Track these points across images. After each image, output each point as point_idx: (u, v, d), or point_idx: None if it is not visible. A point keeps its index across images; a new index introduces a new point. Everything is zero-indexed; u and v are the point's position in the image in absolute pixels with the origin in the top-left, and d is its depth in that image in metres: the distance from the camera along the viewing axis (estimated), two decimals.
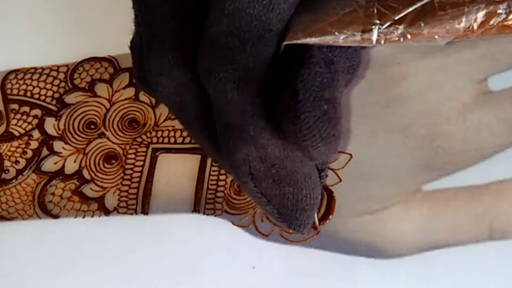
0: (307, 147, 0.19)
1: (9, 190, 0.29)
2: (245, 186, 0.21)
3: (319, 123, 0.18)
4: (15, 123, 0.31)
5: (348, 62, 0.21)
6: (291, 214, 0.23)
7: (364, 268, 0.26)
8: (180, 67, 0.20)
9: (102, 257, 0.27)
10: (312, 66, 0.18)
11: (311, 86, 0.18)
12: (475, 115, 0.27)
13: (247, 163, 0.20)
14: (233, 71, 0.18)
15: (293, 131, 0.18)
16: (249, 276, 0.26)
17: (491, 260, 0.25)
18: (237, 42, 0.18)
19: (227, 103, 0.19)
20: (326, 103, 0.18)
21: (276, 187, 0.22)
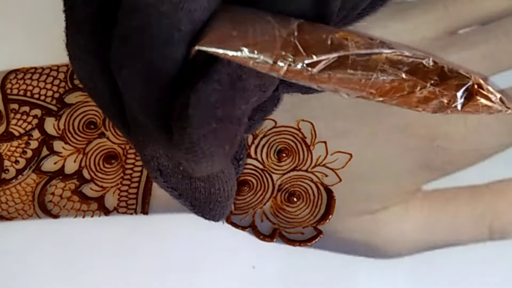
0: (188, 160, 0.18)
1: (9, 190, 0.29)
2: (155, 180, 0.22)
3: (202, 140, 0.18)
4: (15, 123, 0.31)
5: (259, 81, 0.20)
6: (204, 206, 0.23)
7: (364, 268, 0.26)
8: (91, 53, 0.20)
9: (102, 257, 0.27)
10: (210, 82, 0.18)
11: (204, 103, 0.17)
12: (475, 115, 0.27)
13: (155, 160, 0.20)
14: (140, 67, 0.18)
15: (176, 140, 0.18)
16: (249, 275, 0.26)
17: (491, 260, 0.25)
18: (147, 39, 0.17)
19: (133, 99, 0.19)
20: (217, 122, 0.18)
21: (186, 181, 0.22)
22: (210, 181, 0.22)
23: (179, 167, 0.21)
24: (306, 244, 0.26)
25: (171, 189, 0.22)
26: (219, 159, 0.19)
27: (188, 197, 0.22)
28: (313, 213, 0.27)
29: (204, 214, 0.24)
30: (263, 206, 0.27)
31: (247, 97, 0.20)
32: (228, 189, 0.23)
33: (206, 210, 0.23)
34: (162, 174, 0.21)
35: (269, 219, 0.27)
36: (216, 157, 0.19)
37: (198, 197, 0.22)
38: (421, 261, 0.25)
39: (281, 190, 0.27)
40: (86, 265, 0.27)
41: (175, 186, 0.22)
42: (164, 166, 0.21)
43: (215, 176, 0.22)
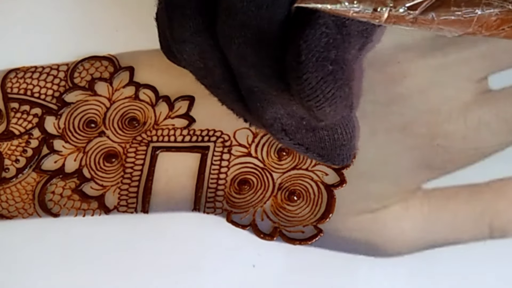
0: (311, 108, 0.19)
1: (9, 189, 0.29)
2: (281, 141, 0.22)
3: (322, 84, 0.18)
4: (15, 121, 0.31)
5: (362, 26, 0.20)
6: (332, 153, 0.23)
7: (364, 267, 0.26)
8: (201, 33, 0.21)
9: (102, 255, 0.27)
10: (318, 26, 0.18)
11: (315, 47, 0.18)
12: (475, 114, 0.27)
13: (278, 121, 0.21)
14: (250, 35, 0.19)
15: (296, 91, 0.18)
16: (249, 274, 0.26)
17: (491, 258, 0.25)
18: (252, 7, 0.18)
19: (248, 67, 0.19)
20: (332, 63, 0.18)
21: (310, 134, 0.22)
22: (332, 128, 0.22)
23: (302, 122, 0.21)
24: (306, 243, 0.26)
25: (297, 145, 0.23)
26: (341, 102, 0.19)
27: (315, 149, 0.23)
28: (313, 212, 0.27)
29: (333, 161, 0.24)
30: (264, 205, 0.27)
31: (353, 42, 0.20)
32: (349, 131, 0.23)
33: (334, 156, 0.24)
34: (287, 133, 0.22)
35: (270, 217, 0.27)
36: (338, 100, 0.19)
37: (324, 146, 0.23)
38: (421, 259, 0.25)
39: (282, 189, 0.27)
40: (86, 264, 0.27)
41: (301, 141, 0.22)
42: (287, 125, 0.21)
43: (336, 122, 0.22)
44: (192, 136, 0.29)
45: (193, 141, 0.29)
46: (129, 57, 0.32)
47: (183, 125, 0.29)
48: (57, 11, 0.34)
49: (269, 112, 0.21)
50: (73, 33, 0.33)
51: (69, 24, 0.34)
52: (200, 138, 0.29)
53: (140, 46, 0.32)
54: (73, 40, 0.33)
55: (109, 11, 0.34)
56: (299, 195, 0.27)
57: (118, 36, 0.33)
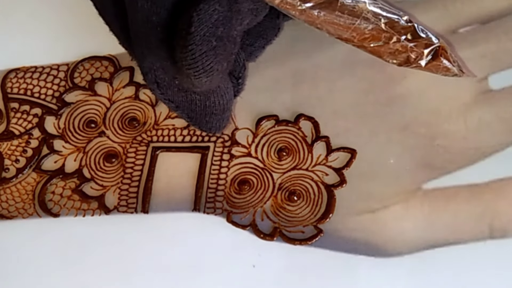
0: (189, 75, 0.20)
1: (9, 189, 0.29)
2: (153, 92, 0.23)
3: (204, 57, 0.19)
4: (15, 121, 0.31)
5: (253, 5, 0.21)
6: (201, 118, 0.24)
7: (364, 267, 0.26)
8: None
9: (102, 256, 0.27)
10: (212, 3, 0.19)
11: (205, 22, 0.19)
12: (475, 114, 0.27)
13: (152, 72, 0.22)
14: None
15: (179, 58, 0.20)
16: (250, 274, 0.26)
17: (491, 258, 0.25)
18: None
19: (136, 11, 0.20)
20: (217, 40, 0.19)
21: (182, 94, 0.23)
22: (205, 94, 0.23)
23: (175, 81, 0.22)
24: (306, 243, 0.26)
25: (168, 101, 0.23)
26: (217, 75, 0.20)
27: (184, 109, 0.24)
28: (314, 212, 0.27)
29: (200, 126, 0.25)
30: (264, 205, 0.27)
31: (241, 19, 0.21)
32: (223, 103, 0.24)
33: (202, 122, 0.25)
34: (159, 86, 0.22)
35: (270, 218, 0.27)
36: (215, 73, 0.20)
37: (194, 109, 0.24)
38: (422, 260, 0.25)
39: (282, 189, 0.27)
40: (86, 264, 0.27)
41: (171, 98, 0.23)
42: (160, 78, 0.22)
43: (210, 90, 0.23)
44: (192, 136, 0.29)
45: (193, 141, 0.29)
46: (129, 57, 0.32)
47: (183, 125, 0.29)
48: (57, 11, 0.34)
49: (147, 61, 0.22)
50: (73, 33, 0.33)
51: (69, 24, 0.34)
52: (200, 138, 0.29)
53: None
54: (73, 40, 0.33)
55: None
56: (299, 195, 0.27)
57: None
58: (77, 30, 0.33)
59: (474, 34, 0.29)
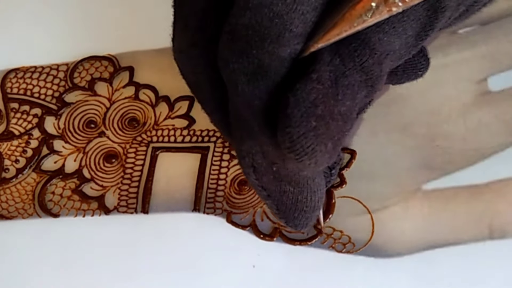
0: (292, 159, 0.19)
1: (9, 189, 0.29)
2: (248, 177, 0.22)
3: (302, 139, 0.18)
4: (15, 122, 0.31)
5: (364, 76, 0.20)
6: (289, 213, 0.23)
7: (364, 267, 0.26)
8: (198, 48, 0.21)
9: (102, 256, 0.27)
10: (309, 82, 0.18)
11: (303, 102, 0.18)
12: (475, 115, 0.27)
13: (250, 156, 0.21)
14: (247, 64, 0.18)
15: (279, 141, 0.18)
16: (249, 275, 0.26)
17: (491, 259, 0.25)
18: (256, 37, 0.18)
19: (237, 95, 0.19)
20: (317, 119, 0.18)
21: (276, 183, 0.22)
22: (299, 187, 0.22)
23: (272, 167, 0.21)
24: (306, 243, 0.26)
25: (260, 188, 0.22)
26: (322, 156, 0.19)
27: (275, 200, 0.22)
28: None
29: (287, 221, 0.23)
30: (263, 205, 0.27)
31: (352, 94, 0.20)
32: (315, 200, 0.23)
33: (290, 217, 0.23)
34: (255, 171, 0.21)
35: (269, 218, 0.27)
36: (318, 155, 0.19)
37: (285, 201, 0.22)
38: (421, 260, 0.25)
39: None
40: (86, 264, 0.27)
41: (265, 185, 0.22)
42: (258, 163, 0.21)
43: (305, 183, 0.22)
44: (192, 137, 0.29)
45: (193, 141, 0.29)
46: (129, 57, 0.32)
47: (183, 125, 0.29)
48: (57, 11, 0.34)
49: (246, 145, 0.21)
50: (73, 33, 0.33)
51: (69, 24, 0.34)
52: (200, 139, 0.29)
53: (140, 46, 0.32)
54: (73, 40, 0.33)
55: (109, 11, 0.34)
56: None
57: (118, 36, 0.33)
58: (77, 30, 0.33)
59: (473, 35, 0.29)
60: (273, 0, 0.17)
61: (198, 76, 0.21)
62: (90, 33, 0.33)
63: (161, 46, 0.32)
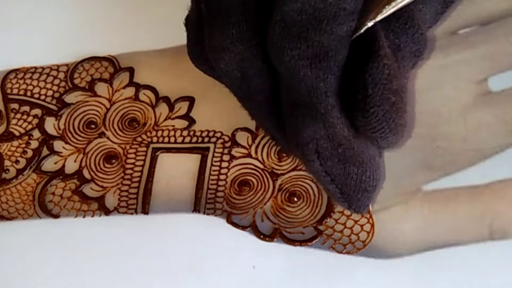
0: (376, 138, 0.19)
1: (9, 190, 0.29)
2: (310, 164, 0.21)
3: (387, 115, 0.19)
4: (15, 122, 0.31)
5: (415, 46, 0.21)
6: (353, 195, 0.23)
7: (364, 268, 0.26)
8: (244, 42, 0.20)
9: (102, 256, 0.27)
10: (379, 59, 0.19)
11: (379, 80, 0.18)
12: (475, 116, 0.27)
13: (314, 141, 0.20)
14: (306, 48, 0.18)
15: (363, 123, 0.19)
16: (250, 275, 0.26)
17: (491, 260, 0.25)
18: (312, 20, 0.18)
19: (299, 81, 0.19)
20: (394, 94, 0.19)
21: (341, 166, 0.21)
22: (363, 167, 0.22)
23: (338, 149, 0.21)
24: (306, 244, 0.26)
25: (324, 174, 0.22)
26: (402, 129, 0.20)
27: (339, 183, 0.22)
28: (314, 213, 0.27)
29: (351, 204, 0.23)
30: (264, 206, 0.27)
31: (407, 65, 0.21)
32: (376, 178, 0.23)
33: (354, 198, 0.23)
34: (320, 157, 0.21)
35: (270, 219, 0.27)
36: (400, 128, 0.19)
37: (349, 183, 0.22)
38: (422, 261, 0.25)
39: (282, 190, 0.27)
40: (86, 265, 0.27)
41: (329, 170, 0.22)
42: (323, 148, 0.21)
43: (368, 162, 0.22)
44: (192, 137, 0.29)
45: (193, 142, 0.29)
46: (129, 57, 0.32)
47: (183, 126, 0.29)
48: (57, 11, 0.34)
49: (309, 130, 0.20)
50: (73, 33, 0.33)
51: (69, 24, 0.34)
52: (200, 139, 0.29)
53: (140, 47, 0.32)
54: (73, 40, 0.33)
55: (109, 11, 0.34)
56: (299, 196, 0.27)
57: (118, 36, 0.33)
58: (77, 30, 0.33)
59: (473, 35, 0.29)
60: None
61: (245, 71, 0.21)
62: (90, 34, 0.33)
63: (161, 46, 0.32)
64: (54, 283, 0.27)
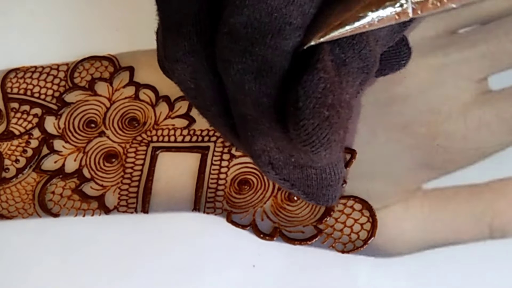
0: (307, 152, 0.19)
1: (9, 189, 0.29)
2: (267, 174, 0.22)
3: (318, 130, 0.18)
4: (15, 121, 0.31)
5: (362, 63, 0.20)
6: (317, 192, 0.23)
7: (364, 267, 0.26)
8: (195, 54, 0.20)
9: (102, 255, 0.27)
10: (315, 72, 0.18)
11: (313, 93, 0.18)
12: (475, 114, 0.27)
13: (266, 154, 0.21)
14: (251, 62, 0.18)
15: (293, 135, 0.18)
16: (250, 274, 0.26)
17: (491, 258, 0.25)
18: (257, 34, 0.18)
19: (244, 95, 0.19)
20: (328, 109, 0.18)
21: (298, 171, 0.21)
22: (320, 167, 0.22)
23: (291, 158, 0.21)
24: (306, 243, 0.26)
25: (283, 181, 0.22)
26: (336, 146, 0.19)
27: (300, 186, 0.22)
28: (314, 212, 0.27)
29: (317, 200, 0.24)
30: (264, 205, 0.27)
31: (352, 81, 0.20)
32: (338, 172, 0.23)
33: (319, 195, 0.23)
34: (274, 167, 0.21)
35: (270, 218, 0.27)
36: (333, 144, 0.19)
37: (311, 184, 0.22)
38: (422, 260, 0.25)
39: (282, 189, 0.27)
40: (86, 264, 0.27)
41: (287, 177, 0.22)
42: (275, 159, 0.21)
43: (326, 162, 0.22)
44: (192, 136, 0.29)
45: (193, 141, 0.29)
46: (129, 57, 0.32)
47: (183, 125, 0.29)
48: (57, 11, 0.34)
49: (259, 143, 0.20)
50: (73, 33, 0.33)
51: (69, 24, 0.34)
52: (200, 138, 0.29)
53: (140, 46, 0.32)
54: (73, 40, 0.33)
55: (109, 11, 0.34)
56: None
57: (118, 36, 0.33)
58: (77, 30, 0.33)
59: (474, 34, 0.29)
60: None
61: (198, 83, 0.21)
62: (90, 33, 0.33)
63: None
64: (54, 282, 0.27)
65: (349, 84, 0.20)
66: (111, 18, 0.33)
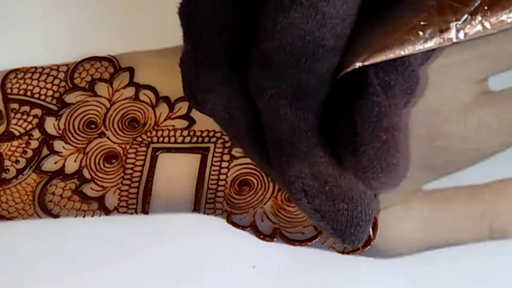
0: (367, 178, 0.19)
1: (9, 190, 0.29)
2: (299, 202, 0.21)
3: (378, 154, 0.18)
4: (15, 122, 0.31)
5: (406, 84, 0.20)
6: (346, 230, 0.22)
7: (365, 268, 0.26)
8: (228, 83, 0.20)
9: (102, 256, 0.27)
10: (369, 96, 0.18)
11: (369, 117, 0.18)
12: (475, 115, 0.27)
13: (300, 180, 0.20)
14: (286, 87, 0.18)
15: (353, 163, 0.18)
16: (250, 275, 0.26)
17: (491, 259, 0.25)
18: (290, 58, 0.18)
19: (280, 120, 0.19)
20: (385, 132, 0.18)
21: (330, 203, 0.21)
22: (353, 202, 0.22)
23: (325, 187, 0.21)
24: (306, 244, 0.26)
25: (314, 211, 0.21)
26: (394, 169, 0.19)
27: (330, 220, 0.22)
28: None
29: (344, 239, 0.23)
30: (264, 206, 0.27)
31: (399, 104, 0.20)
32: (369, 212, 0.22)
33: (347, 234, 0.22)
34: (307, 195, 0.21)
35: (270, 218, 0.27)
36: (392, 168, 0.19)
37: (341, 219, 0.22)
38: (422, 261, 0.25)
39: (282, 190, 0.27)
40: (86, 265, 0.27)
41: (318, 207, 0.21)
42: (309, 186, 0.20)
43: (358, 198, 0.22)
44: (192, 137, 0.29)
45: (193, 142, 0.29)
46: (129, 57, 0.32)
47: (183, 126, 0.29)
48: (57, 11, 0.34)
49: (294, 169, 0.20)
50: (73, 33, 0.33)
51: (69, 24, 0.34)
52: (200, 139, 0.29)
53: (140, 47, 0.32)
54: (73, 40, 0.33)
55: (109, 11, 0.34)
56: None
57: (118, 36, 0.33)
58: (77, 30, 0.33)
59: None
60: (302, 18, 0.17)
61: (232, 113, 0.21)
62: (90, 34, 0.33)
63: (161, 46, 0.32)
64: (54, 283, 0.27)
65: (397, 106, 0.20)
66: (111, 18, 0.33)
